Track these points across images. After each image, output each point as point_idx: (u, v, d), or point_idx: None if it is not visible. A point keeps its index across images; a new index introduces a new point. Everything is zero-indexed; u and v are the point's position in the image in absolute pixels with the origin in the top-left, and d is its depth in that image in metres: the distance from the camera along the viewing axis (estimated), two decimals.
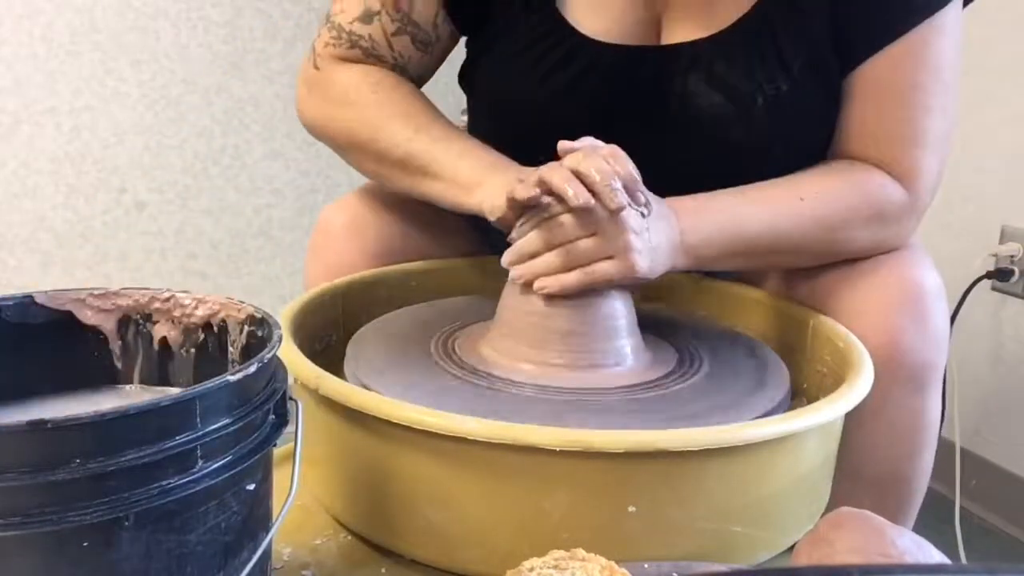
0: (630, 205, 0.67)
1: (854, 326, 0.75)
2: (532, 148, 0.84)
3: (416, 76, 0.89)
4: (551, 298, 0.69)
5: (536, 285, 0.68)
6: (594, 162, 0.67)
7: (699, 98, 0.80)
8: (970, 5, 0.81)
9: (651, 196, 0.71)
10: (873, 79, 0.79)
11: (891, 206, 0.79)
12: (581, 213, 0.67)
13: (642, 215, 0.69)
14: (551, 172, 0.67)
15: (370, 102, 0.84)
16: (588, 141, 0.70)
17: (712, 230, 0.75)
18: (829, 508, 0.75)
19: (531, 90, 0.83)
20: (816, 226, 0.77)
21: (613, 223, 0.67)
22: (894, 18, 0.77)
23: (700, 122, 0.80)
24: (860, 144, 0.81)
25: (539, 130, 0.82)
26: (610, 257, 0.68)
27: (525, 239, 0.69)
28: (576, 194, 0.66)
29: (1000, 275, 1.59)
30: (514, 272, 0.68)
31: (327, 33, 0.88)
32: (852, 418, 0.68)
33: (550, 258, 0.68)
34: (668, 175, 0.78)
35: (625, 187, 0.67)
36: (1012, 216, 1.61)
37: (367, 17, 0.85)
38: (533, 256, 0.69)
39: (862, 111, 0.80)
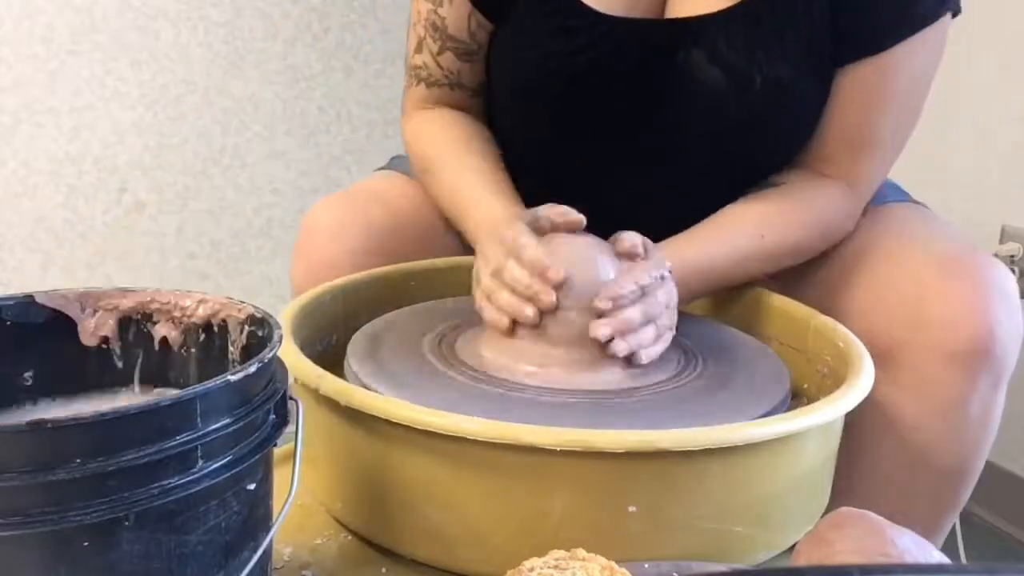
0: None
1: (952, 318, 0.76)
2: (537, 123, 0.89)
3: (475, 86, 0.94)
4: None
5: (643, 357, 0.70)
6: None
7: (699, 71, 0.82)
8: (962, 12, 0.83)
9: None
10: (857, 82, 0.82)
11: (841, 218, 0.86)
12: (663, 294, 0.71)
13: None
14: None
15: (427, 156, 0.92)
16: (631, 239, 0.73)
17: (683, 282, 0.78)
18: (885, 496, 0.78)
19: (534, 63, 0.86)
20: (778, 253, 0.85)
21: (672, 300, 0.73)
22: (888, 28, 0.80)
23: (698, 96, 0.83)
24: (830, 145, 0.85)
25: (542, 103, 0.87)
26: (672, 326, 0.73)
27: (631, 313, 0.69)
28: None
29: None
30: (621, 346, 0.68)
31: (406, 76, 0.97)
32: (929, 408, 0.74)
33: (648, 331, 0.70)
34: (661, 147, 0.81)
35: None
36: (1012, 216, 1.61)
37: (419, 47, 0.93)
38: (632, 330, 0.70)
39: (842, 112, 0.84)
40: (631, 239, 0.73)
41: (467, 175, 0.88)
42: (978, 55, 1.60)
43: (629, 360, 0.69)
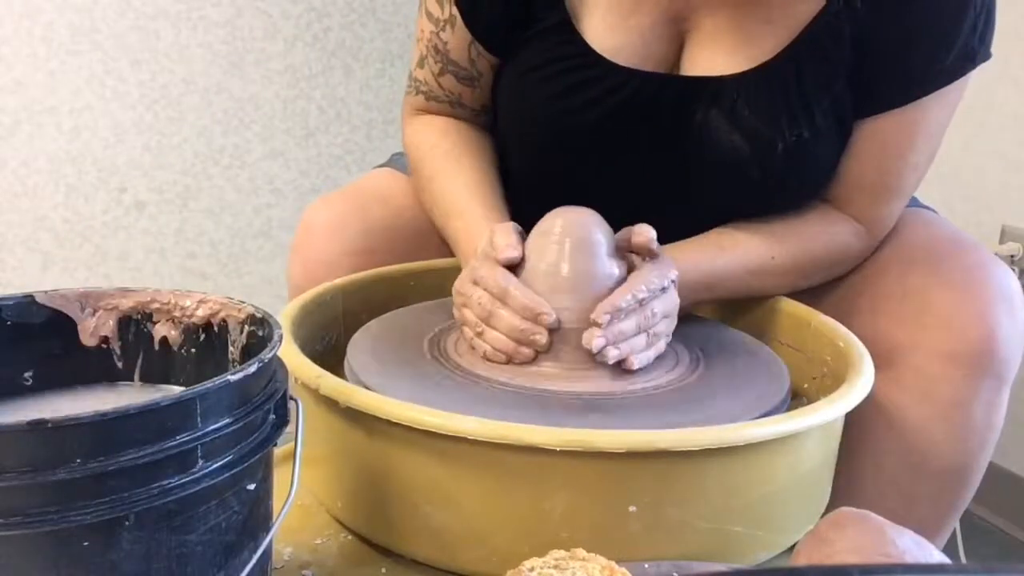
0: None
1: (956, 321, 0.76)
2: (545, 167, 0.88)
3: (475, 108, 0.93)
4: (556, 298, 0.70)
5: (635, 363, 0.70)
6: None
7: (719, 135, 0.81)
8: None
9: None
10: (876, 133, 0.82)
11: (850, 254, 0.86)
12: (661, 304, 0.71)
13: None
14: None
15: (420, 165, 0.92)
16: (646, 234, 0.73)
17: (690, 288, 0.79)
18: (886, 497, 0.78)
19: (543, 108, 0.84)
20: (782, 279, 0.85)
21: (674, 309, 0.73)
22: (910, 84, 0.80)
23: (716, 159, 0.82)
24: (848, 188, 0.85)
25: (550, 149, 0.86)
26: (668, 333, 0.74)
27: (625, 325, 0.70)
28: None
29: None
30: (612, 353, 0.69)
31: (407, 83, 0.96)
32: (931, 410, 0.73)
33: (639, 340, 0.71)
34: (675, 200, 0.80)
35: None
36: (1012, 216, 1.61)
37: (421, 62, 0.92)
38: (624, 339, 0.70)
39: (860, 160, 0.83)
40: (647, 234, 0.72)
41: (455, 183, 0.87)
42: None
43: (619, 366, 0.70)
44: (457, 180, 0.87)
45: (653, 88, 0.82)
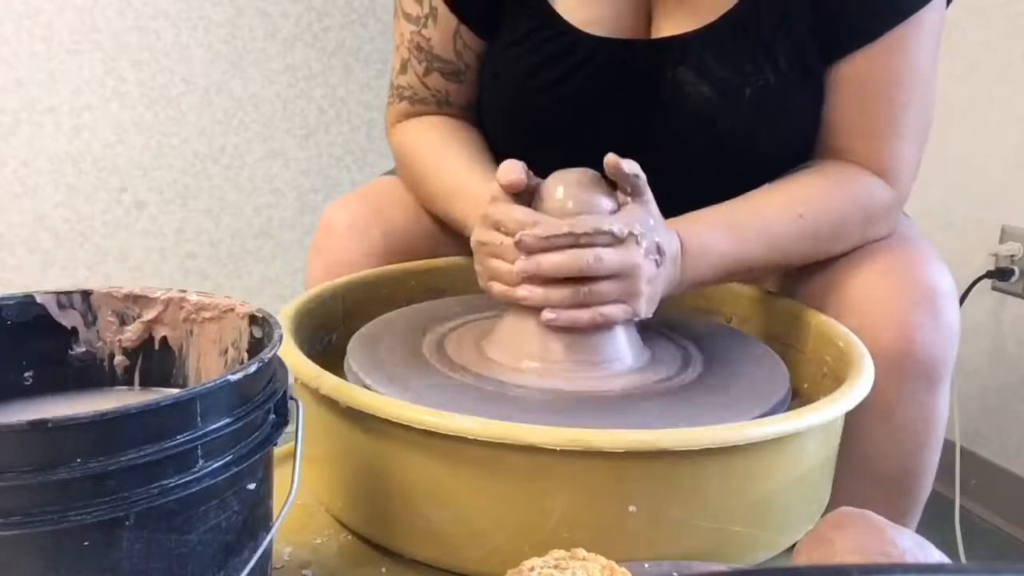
0: (648, 255, 0.68)
1: (870, 322, 0.75)
2: (529, 140, 0.87)
3: (463, 104, 0.93)
4: None
5: (545, 316, 0.67)
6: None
7: (688, 88, 0.82)
8: (961, 5, 0.82)
9: (664, 237, 0.70)
10: (853, 75, 0.81)
11: (879, 206, 0.82)
12: (613, 255, 0.66)
13: (656, 264, 0.69)
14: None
15: (412, 160, 0.91)
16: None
17: (714, 263, 0.75)
18: (838, 507, 0.76)
19: (522, 82, 0.85)
20: (814, 240, 0.80)
21: (633, 270, 0.67)
22: (875, 17, 0.79)
23: (688, 113, 0.82)
24: (843, 139, 0.83)
25: (532, 122, 0.87)
26: (620, 301, 0.67)
27: (550, 261, 0.65)
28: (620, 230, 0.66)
29: (1000, 275, 1.59)
30: (523, 292, 0.66)
31: (389, 94, 0.95)
32: (863, 415, 0.68)
33: (564, 292, 0.66)
34: (657, 165, 0.79)
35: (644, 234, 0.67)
36: (1012, 216, 1.61)
37: (404, 68, 0.92)
38: (545, 283, 0.67)
39: (844, 106, 0.82)
40: (623, 167, 0.67)
41: (450, 168, 0.86)
42: (978, 55, 1.60)
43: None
44: (451, 165, 0.86)
45: (624, 54, 0.83)
